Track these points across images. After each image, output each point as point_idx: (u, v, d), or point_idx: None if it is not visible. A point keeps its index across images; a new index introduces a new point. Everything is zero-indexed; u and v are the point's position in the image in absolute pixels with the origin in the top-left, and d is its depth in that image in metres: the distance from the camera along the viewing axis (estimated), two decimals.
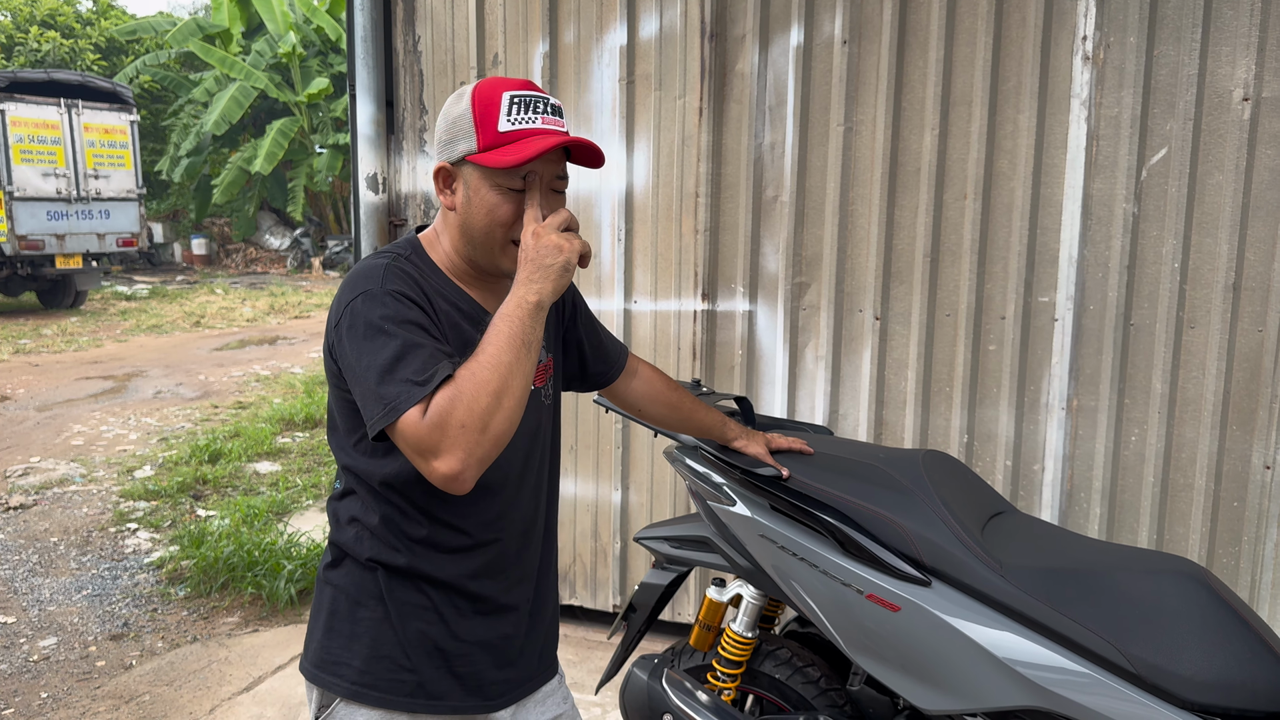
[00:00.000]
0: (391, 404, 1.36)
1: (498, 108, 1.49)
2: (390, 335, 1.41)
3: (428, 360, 1.38)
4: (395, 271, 1.50)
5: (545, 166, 1.51)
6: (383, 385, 1.38)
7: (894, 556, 1.92)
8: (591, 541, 3.85)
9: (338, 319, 1.48)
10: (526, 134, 1.48)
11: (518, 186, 1.50)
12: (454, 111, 1.53)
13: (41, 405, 8.64)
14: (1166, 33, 2.92)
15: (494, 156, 1.47)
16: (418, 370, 1.37)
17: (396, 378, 1.37)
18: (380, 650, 1.59)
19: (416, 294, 1.48)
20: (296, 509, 5.73)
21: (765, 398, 3.51)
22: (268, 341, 12.74)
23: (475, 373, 1.35)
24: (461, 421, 1.32)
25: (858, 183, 3.29)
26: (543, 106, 1.51)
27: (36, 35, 24.37)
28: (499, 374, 1.35)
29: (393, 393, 1.37)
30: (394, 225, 3.88)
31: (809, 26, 3.29)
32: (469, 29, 3.72)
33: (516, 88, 1.51)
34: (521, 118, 1.49)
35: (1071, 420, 3.13)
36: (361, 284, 1.48)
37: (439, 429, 1.33)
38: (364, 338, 1.43)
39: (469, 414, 1.32)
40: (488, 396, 1.33)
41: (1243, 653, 1.62)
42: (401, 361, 1.38)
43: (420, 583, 1.58)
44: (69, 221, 15.06)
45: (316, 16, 22.47)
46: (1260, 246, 2.89)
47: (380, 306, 1.44)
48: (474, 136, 1.49)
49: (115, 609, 4.38)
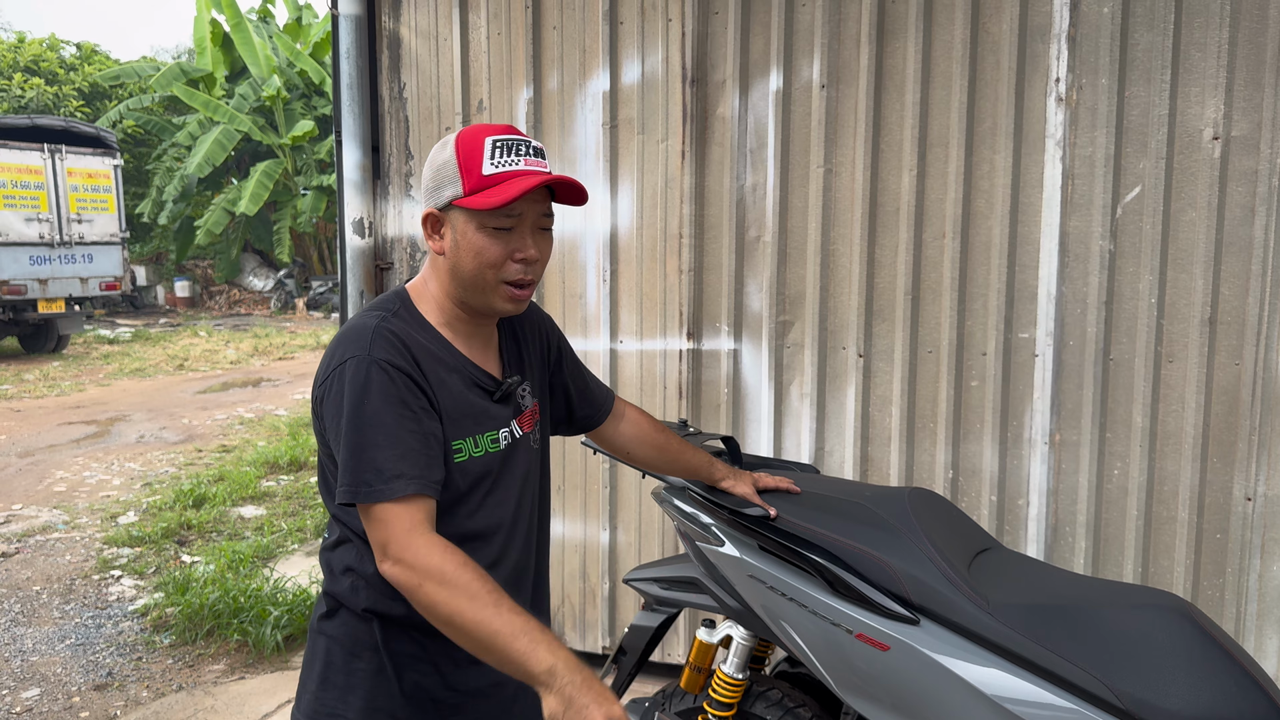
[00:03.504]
0: (360, 489, 1.43)
1: (481, 152, 1.52)
2: (370, 413, 1.45)
3: (403, 451, 1.44)
4: (383, 335, 1.52)
5: (531, 206, 1.55)
6: (355, 464, 1.44)
7: (882, 595, 1.93)
8: (580, 582, 3.84)
9: (325, 378, 1.51)
10: (510, 175, 1.52)
11: (505, 225, 1.53)
12: (439, 159, 1.56)
13: (24, 451, 8.57)
14: (1137, 74, 2.99)
15: (480, 199, 1.50)
16: (394, 463, 1.43)
17: (369, 461, 1.43)
18: (376, 702, 1.58)
19: (403, 359, 1.50)
20: (282, 554, 5.69)
21: (751, 435, 3.53)
22: (251, 384, 12.69)
23: (464, 612, 1.36)
24: (429, 601, 1.38)
25: (838, 223, 3.34)
26: (524, 149, 1.55)
27: (20, 82, 24.41)
28: (468, 626, 1.36)
29: (364, 478, 1.43)
30: (380, 269, 3.90)
31: (788, 71, 3.35)
32: (454, 76, 3.77)
33: (498, 132, 1.55)
34: (504, 160, 1.52)
35: (1054, 455, 3.16)
36: (350, 348, 1.51)
37: (411, 572, 1.39)
38: (347, 405, 1.47)
39: (432, 604, 1.38)
40: (447, 623, 1.38)
41: (1229, 686, 1.64)
42: (378, 446, 1.44)
43: (415, 633, 1.58)
44: (51, 266, 15.02)
45: (300, 60, 22.63)
46: (1234, 281, 2.94)
47: (365, 376, 1.47)
48: (459, 181, 1.52)
49: (99, 658, 4.33)
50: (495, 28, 3.70)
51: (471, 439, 1.59)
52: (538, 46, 3.65)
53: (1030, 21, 3.08)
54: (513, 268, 1.55)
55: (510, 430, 1.66)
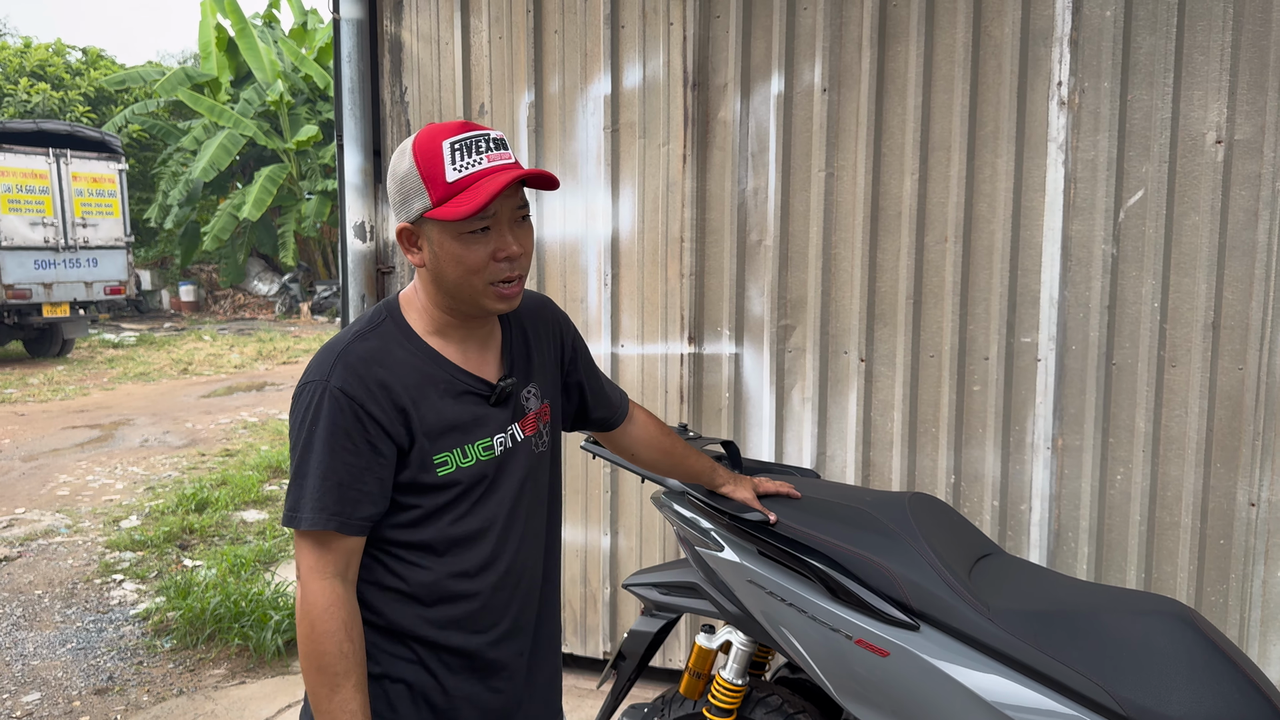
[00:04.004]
0: (292, 512, 1.49)
1: (441, 158, 1.46)
2: (312, 441, 1.49)
3: (331, 485, 1.47)
4: (346, 360, 1.51)
5: (504, 202, 1.49)
6: (293, 486, 1.50)
7: (882, 601, 1.92)
8: (581, 587, 3.83)
9: (293, 396, 1.55)
10: (475, 177, 1.46)
11: (480, 227, 1.48)
12: (400, 170, 1.51)
13: (27, 455, 8.58)
14: (1139, 78, 2.98)
15: (449, 209, 1.45)
16: (321, 494, 1.47)
17: (304, 487, 1.48)
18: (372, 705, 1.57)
19: (362, 388, 1.50)
20: (284, 558, 5.69)
21: (753, 440, 3.52)
22: (255, 388, 12.70)
23: (317, 659, 1.48)
24: (299, 619, 1.50)
25: (840, 227, 3.33)
26: (484, 145, 1.48)
27: (26, 86, 24.50)
28: (309, 688, 1.49)
29: (296, 501, 1.49)
30: (381, 273, 3.90)
31: (789, 75, 3.34)
32: (455, 80, 3.77)
33: (454, 132, 1.48)
34: (465, 162, 1.46)
35: (1057, 460, 3.15)
36: (313, 371, 1.53)
37: (299, 592, 1.50)
38: (297, 428, 1.52)
39: (299, 638, 1.50)
40: (302, 663, 1.50)
41: (1231, 693, 1.63)
42: (313, 474, 1.48)
43: (404, 637, 1.57)
44: (56, 270, 15.06)
45: (304, 65, 22.67)
46: (1238, 285, 2.93)
47: (317, 404, 1.49)
48: (425, 193, 1.47)
49: (100, 662, 4.33)
50: (497, 31, 3.70)
51: (458, 450, 1.56)
52: (539, 50, 3.65)
53: (1032, 25, 3.07)
54: (497, 268, 1.51)
55: (508, 435, 1.64)
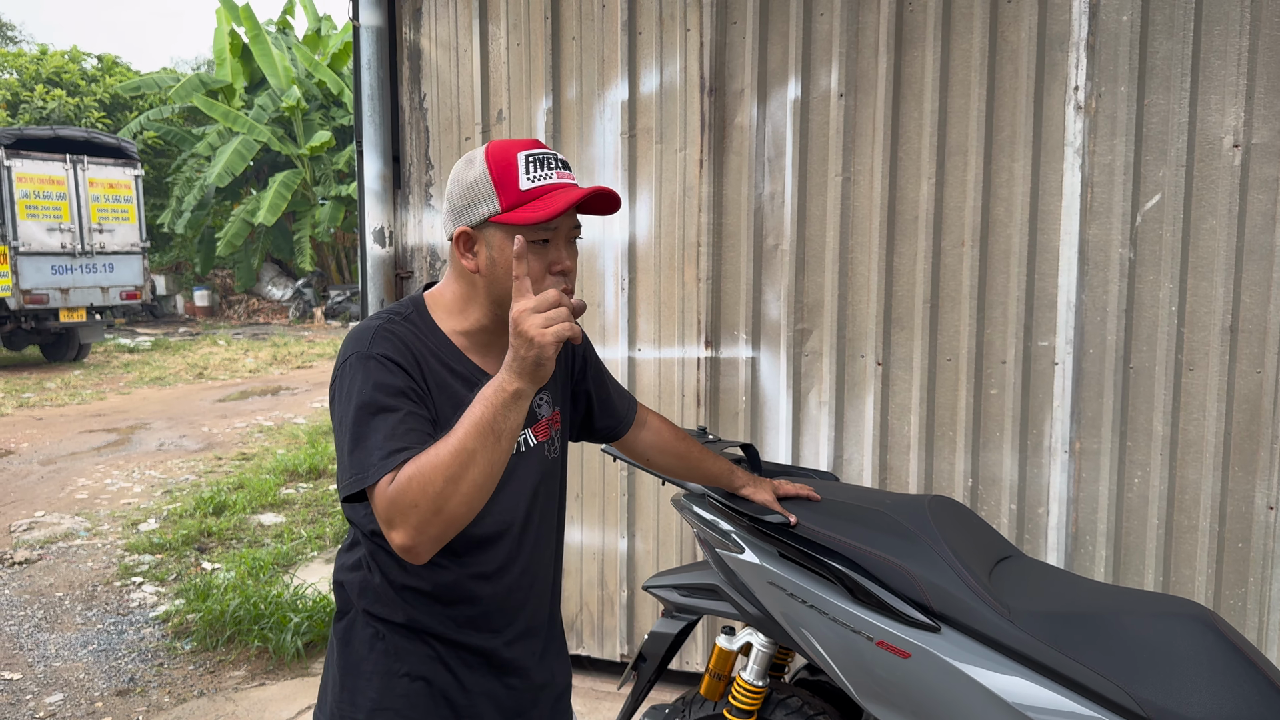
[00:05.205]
0: (360, 473, 1.41)
1: (515, 168, 1.52)
2: (368, 402, 1.45)
3: (401, 432, 1.42)
4: (385, 334, 1.53)
5: (565, 219, 1.55)
6: (355, 452, 1.43)
7: (903, 603, 1.93)
8: (598, 590, 3.85)
9: (333, 379, 1.54)
10: (548, 189, 1.52)
11: (542, 238, 1.53)
12: (468, 177, 1.55)
13: (45, 459, 8.65)
14: (1156, 82, 2.99)
15: (522, 214, 1.50)
16: (389, 441, 1.41)
17: (368, 446, 1.42)
18: (385, 703, 1.60)
19: (404, 357, 1.51)
20: (302, 560, 5.72)
21: (770, 443, 3.54)
22: (270, 392, 12.77)
23: (438, 454, 1.35)
24: (414, 501, 1.34)
25: (857, 231, 3.35)
26: (555, 163, 1.56)
27: (43, 93, 24.71)
28: (459, 460, 1.34)
29: (362, 461, 1.41)
30: (400, 278, 3.93)
31: (806, 80, 3.36)
32: (474, 86, 3.80)
33: (528, 147, 1.55)
34: (539, 175, 1.53)
35: (1074, 463, 3.15)
36: (351, 346, 1.53)
37: (394, 505, 1.35)
38: (346, 401, 1.48)
39: (421, 494, 1.34)
40: (442, 480, 1.33)
41: (1252, 695, 1.63)
42: (376, 431, 1.43)
43: (424, 635, 1.60)
44: (73, 275, 15.18)
45: (318, 71, 22.80)
46: (1256, 289, 2.93)
47: (363, 372, 1.48)
48: (495, 198, 1.52)
49: (121, 664, 4.37)
50: (515, 39, 3.73)
51: None
52: (557, 57, 3.68)
53: (1049, 30, 3.08)
54: (552, 280, 1.54)
55: (522, 440, 1.66)
